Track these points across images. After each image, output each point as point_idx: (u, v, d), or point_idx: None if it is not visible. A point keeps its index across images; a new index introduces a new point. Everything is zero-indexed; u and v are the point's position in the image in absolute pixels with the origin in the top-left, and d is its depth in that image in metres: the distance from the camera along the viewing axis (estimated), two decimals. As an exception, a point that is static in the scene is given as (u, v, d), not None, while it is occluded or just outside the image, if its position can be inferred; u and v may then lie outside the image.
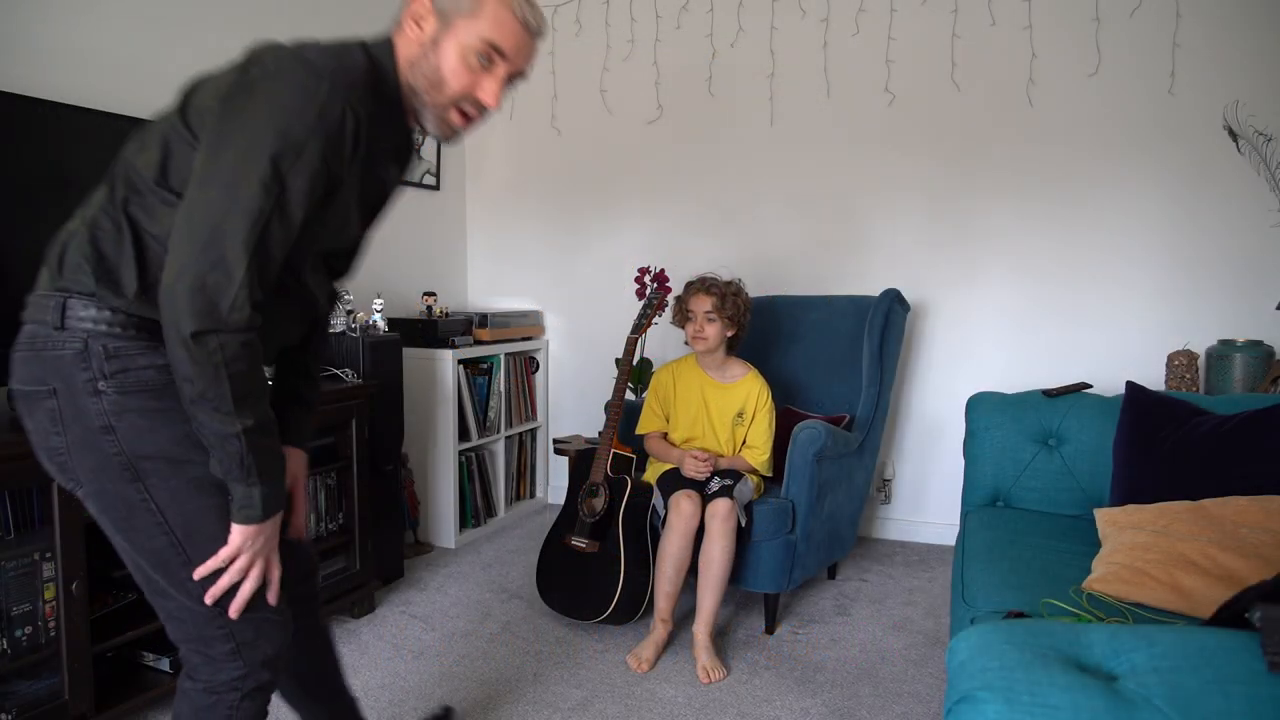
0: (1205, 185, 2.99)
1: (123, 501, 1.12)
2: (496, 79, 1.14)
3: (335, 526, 2.62)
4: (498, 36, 1.12)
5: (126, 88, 2.47)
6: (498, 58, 1.13)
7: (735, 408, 2.63)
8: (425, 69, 1.14)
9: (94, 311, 1.10)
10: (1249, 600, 1.14)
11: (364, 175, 1.15)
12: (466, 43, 1.12)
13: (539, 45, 1.18)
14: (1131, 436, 2.03)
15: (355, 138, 1.06)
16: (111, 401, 1.10)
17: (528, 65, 1.18)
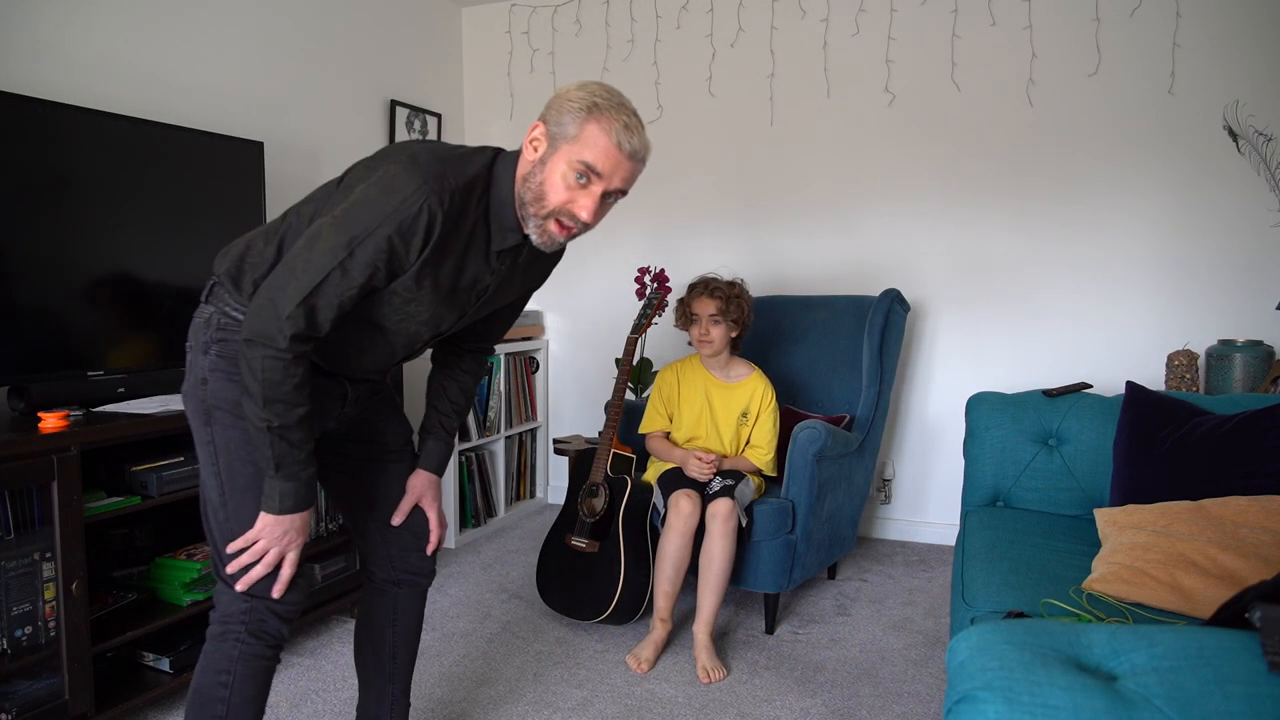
0: (1205, 185, 2.99)
1: (200, 441, 1.40)
2: (592, 196, 1.29)
3: (335, 526, 2.62)
4: (593, 158, 1.26)
5: (126, 88, 2.48)
6: (593, 176, 1.28)
7: (740, 407, 2.63)
8: (532, 185, 1.31)
9: (225, 297, 1.41)
10: (1249, 600, 1.14)
11: (442, 265, 1.32)
12: (567, 163, 1.28)
13: (637, 168, 1.31)
14: (1131, 436, 2.03)
15: (427, 232, 1.25)
16: (211, 362, 1.39)
17: (625, 184, 1.31)
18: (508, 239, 1.35)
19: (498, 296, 1.49)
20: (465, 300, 1.42)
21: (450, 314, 1.43)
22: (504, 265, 1.41)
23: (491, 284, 1.42)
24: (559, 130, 1.29)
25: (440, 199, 1.25)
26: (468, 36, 4.06)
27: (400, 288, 1.32)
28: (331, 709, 2.14)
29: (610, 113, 1.27)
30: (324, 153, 3.25)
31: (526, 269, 1.50)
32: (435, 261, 1.31)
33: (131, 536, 2.29)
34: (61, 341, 2.11)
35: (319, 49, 3.21)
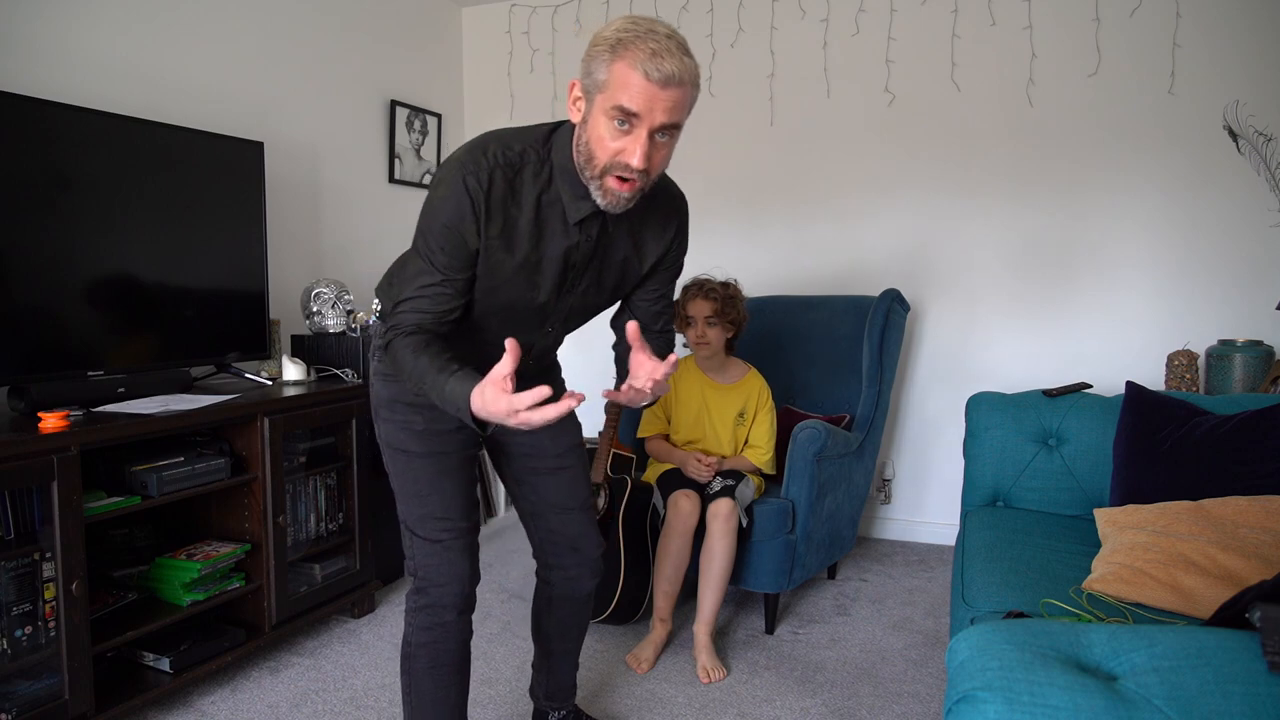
0: (1205, 185, 2.99)
1: (378, 438, 1.60)
2: (638, 140, 1.20)
3: (335, 526, 2.62)
4: (626, 99, 1.18)
5: (126, 88, 2.48)
6: (632, 119, 1.20)
7: (736, 408, 2.63)
8: (582, 147, 1.27)
9: (386, 310, 1.51)
10: (1249, 600, 1.14)
11: (515, 237, 1.33)
12: (604, 113, 1.21)
13: (680, 94, 1.21)
14: (1131, 436, 2.03)
15: (475, 211, 1.28)
16: (374, 366, 1.58)
17: (670, 116, 1.21)
18: (581, 208, 1.32)
19: (607, 267, 1.45)
20: (559, 271, 1.39)
21: (546, 284, 1.40)
22: (592, 234, 1.37)
23: (582, 254, 1.39)
24: (591, 81, 1.23)
25: (478, 178, 1.27)
26: (468, 36, 4.06)
27: (492, 265, 1.35)
28: (331, 709, 2.14)
29: (635, 44, 1.18)
30: (324, 153, 3.25)
31: (636, 232, 1.45)
32: (507, 234, 1.32)
33: (131, 536, 2.29)
34: (61, 341, 2.11)
35: (319, 49, 3.21)
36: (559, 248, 1.36)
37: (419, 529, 1.57)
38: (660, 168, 1.28)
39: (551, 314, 1.49)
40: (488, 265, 1.35)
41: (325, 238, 3.27)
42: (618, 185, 1.25)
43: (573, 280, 1.43)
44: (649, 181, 1.28)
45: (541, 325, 1.52)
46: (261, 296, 2.62)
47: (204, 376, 2.59)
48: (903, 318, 3.06)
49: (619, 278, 1.50)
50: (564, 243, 1.36)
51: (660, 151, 1.26)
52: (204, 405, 2.17)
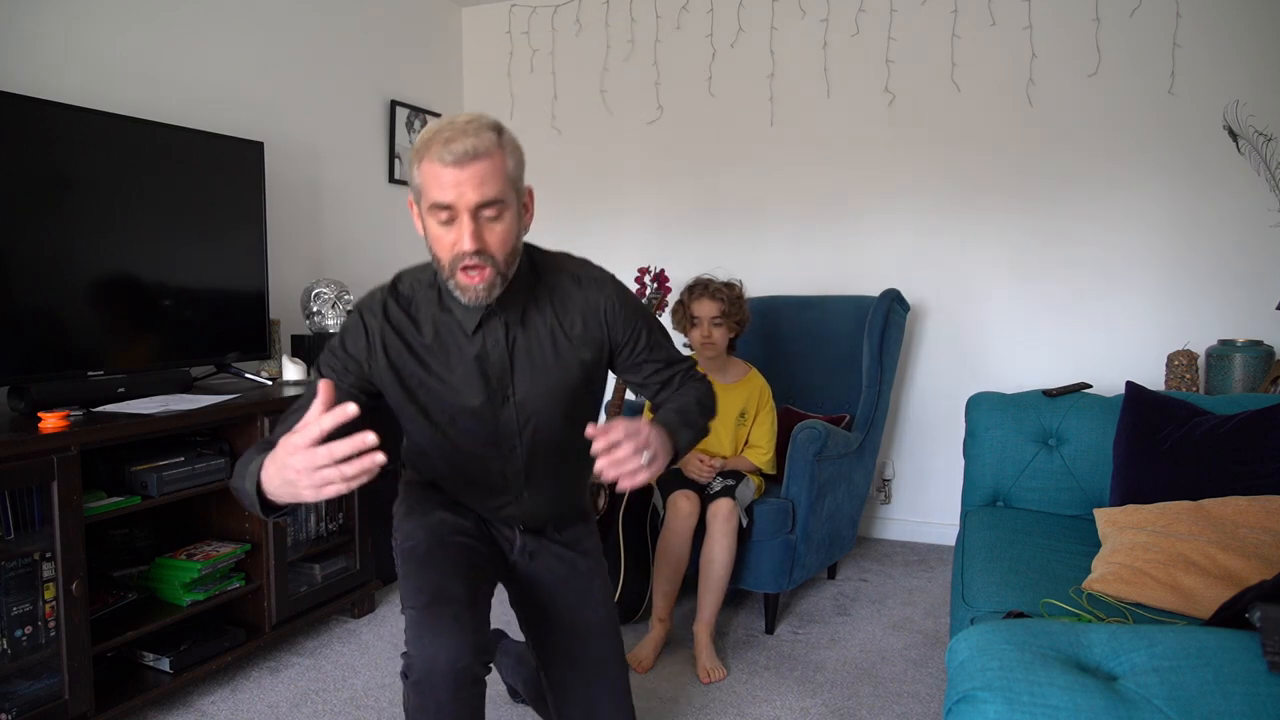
0: (1205, 185, 2.98)
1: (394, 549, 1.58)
2: (461, 226, 1.20)
3: (335, 526, 2.62)
4: (435, 194, 1.19)
5: (126, 88, 2.47)
6: (449, 210, 1.20)
7: (738, 408, 2.63)
8: (431, 256, 1.29)
9: None
10: (1249, 600, 1.14)
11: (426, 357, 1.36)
12: (429, 215, 1.23)
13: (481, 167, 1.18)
14: (1131, 436, 2.03)
15: (368, 333, 1.34)
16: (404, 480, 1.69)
17: (481, 193, 1.19)
18: (472, 315, 1.33)
19: (538, 367, 1.38)
20: (480, 382, 1.36)
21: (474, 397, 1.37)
22: (498, 338, 1.35)
23: (497, 360, 1.36)
24: (413, 191, 1.26)
25: (374, 314, 1.36)
26: (468, 36, 4.06)
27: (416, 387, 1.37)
28: (331, 709, 2.14)
29: (431, 141, 1.19)
30: (324, 153, 3.25)
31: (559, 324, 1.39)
32: (417, 356, 1.36)
33: (131, 536, 2.29)
34: (61, 341, 2.11)
35: (319, 49, 3.21)
36: (469, 359, 1.35)
37: (409, 598, 1.42)
38: (504, 245, 1.24)
39: (503, 434, 1.40)
40: (413, 390, 1.38)
41: (325, 238, 3.27)
42: (466, 278, 1.24)
43: (502, 390, 1.37)
44: (501, 264, 1.25)
45: (501, 450, 1.42)
46: (261, 296, 2.62)
47: (204, 376, 2.59)
48: (903, 318, 3.06)
49: (563, 375, 1.39)
50: (472, 352, 1.35)
51: (495, 229, 1.23)
52: (204, 405, 2.17)
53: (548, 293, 1.38)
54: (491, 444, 1.43)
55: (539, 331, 1.38)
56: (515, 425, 1.40)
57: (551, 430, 1.43)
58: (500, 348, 1.35)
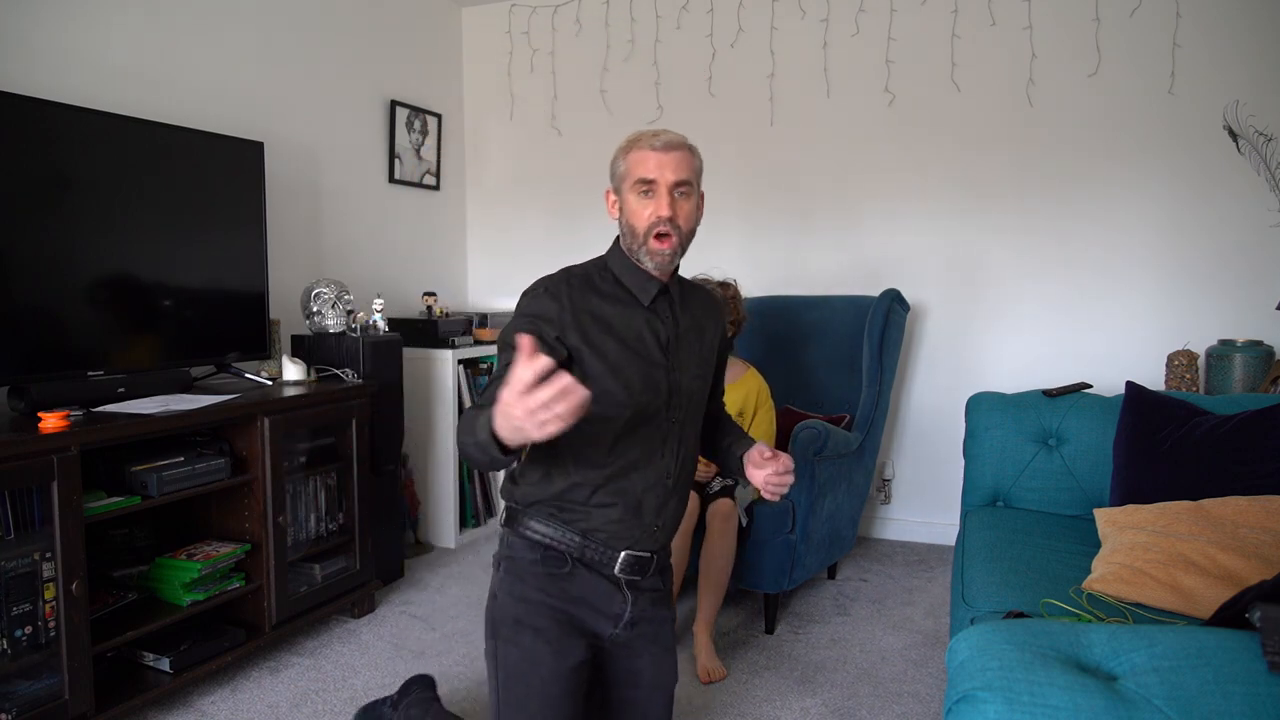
0: (1205, 185, 2.99)
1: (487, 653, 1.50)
2: (660, 197, 1.43)
3: (335, 526, 2.62)
4: (640, 172, 1.44)
5: (126, 88, 2.48)
6: (650, 184, 1.44)
7: (735, 407, 2.63)
8: (624, 231, 1.47)
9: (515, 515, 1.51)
10: (1249, 600, 1.14)
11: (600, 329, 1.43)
12: (631, 192, 1.45)
13: (682, 155, 1.47)
14: (1131, 436, 2.03)
15: (552, 306, 1.40)
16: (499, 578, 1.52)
17: (678, 173, 1.44)
18: (648, 289, 1.47)
19: (692, 345, 1.53)
20: (656, 346, 1.47)
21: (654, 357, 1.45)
22: (666, 312, 1.49)
23: (668, 329, 1.48)
24: (616, 179, 1.48)
25: (552, 282, 1.45)
26: (468, 36, 4.06)
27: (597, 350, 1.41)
28: (331, 709, 2.14)
29: (639, 137, 1.47)
30: (324, 153, 3.25)
31: (697, 317, 1.56)
32: (598, 319, 1.43)
33: (131, 536, 2.29)
34: (61, 341, 2.11)
35: (319, 49, 3.21)
36: (643, 325, 1.47)
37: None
38: (688, 221, 1.46)
39: (674, 402, 1.48)
40: (598, 349, 1.41)
41: (325, 238, 3.27)
42: (658, 244, 1.43)
43: (671, 358, 1.48)
44: (684, 237, 1.46)
45: (669, 417, 1.47)
46: (261, 296, 2.62)
47: (204, 376, 2.59)
48: (903, 318, 3.06)
49: (702, 364, 1.56)
50: (645, 320, 1.47)
51: (684, 207, 1.45)
52: (204, 405, 2.17)
53: (691, 294, 1.59)
54: (662, 407, 1.46)
55: (689, 318, 1.54)
56: (682, 399, 1.49)
57: (693, 417, 1.53)
58: (670, 321, 1.49)
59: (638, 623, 1.50)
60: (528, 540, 1.46)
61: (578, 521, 1.43)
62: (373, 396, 2.70)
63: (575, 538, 1.43)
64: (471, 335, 3.48)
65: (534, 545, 1.45)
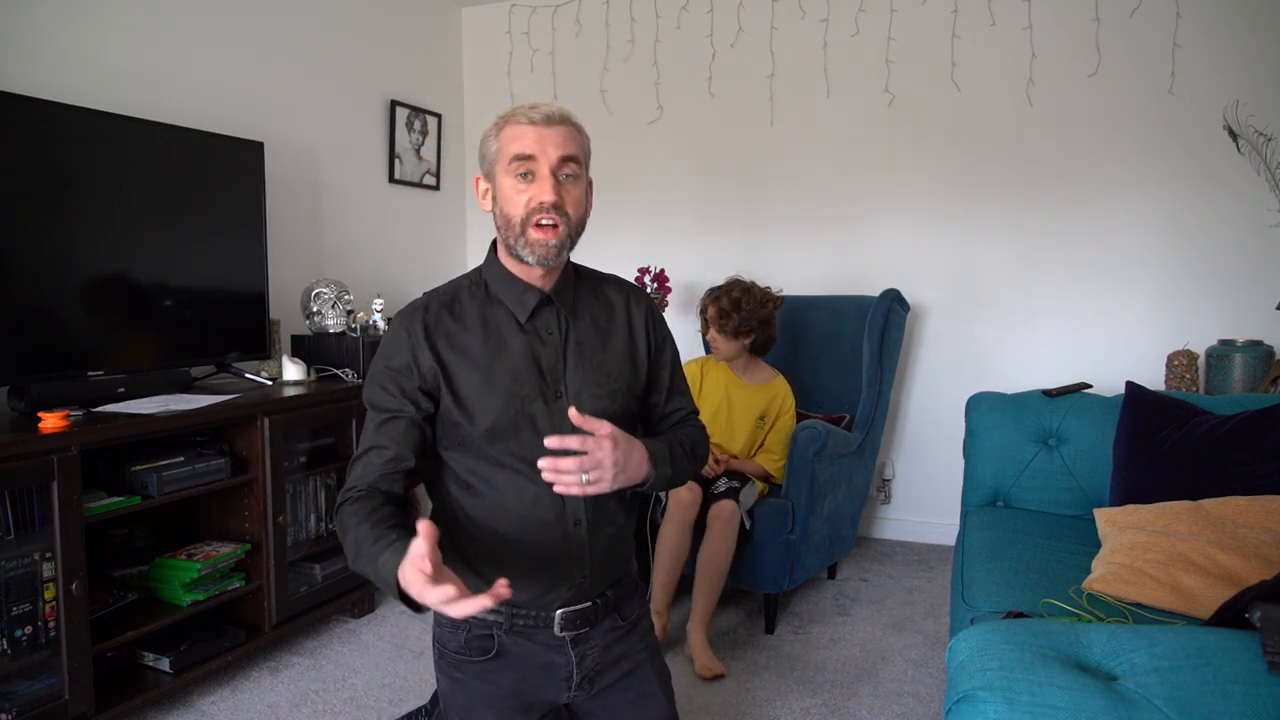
0: (1205, 185, 2.98)
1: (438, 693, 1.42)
2: (543, 180, 1.23)
3: (335, 526, 2.62)
4: (516, 148, 1.23)
5: (126, 88, 2.47)
6: (529, 162, 1.23)
7: (759, 409, 2.65)
8: (500, 221, 1.27)
9: None
10: (1249, 600, 1.14)
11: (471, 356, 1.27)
12: (506, 174, 1.25)
13: (567, 130, 1.25)
14: (1131, 436, 2.03)
15: (414, 347, 1.27)
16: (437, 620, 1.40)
17: (563, 149, 1.24)
18: (526, 301, 1.29)
19: (589, 360, 1.32)
20: (534, 375, 1.28)
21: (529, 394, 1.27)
22: (551, 328, 1.31)
23: (551, 350, 1.30)
24: (487, 161, 1.28)
25: (410, 315, 1.29)
26: (468, 36, 4.06)
27: (465, 389, 1.26)
28: (331, 709, 2.14)
29: (515, 111, 1.26)
30: (324, 153, 3.25)
31: (606, 317, 1.37)
32: (464, 354, 1.27)
33: (131, 536, 2.29)
34: (61, 341, 2.11)
35: (319, 49, 3.21)
36: (521, 350, 1.28)
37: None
38: (577, 208, 1.26)
39: (558, 433, 1.25)
40: (463, 391, 1.26)
41: (325, 238, 3.27)
42: (540, 233, 1.24)
43: (554, 384, 1.29)
44: (573, 226, 1.27)
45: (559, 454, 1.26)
46: (261, 296, 2.62)
47: (204, 376, 2.59)
48: (903, 318, 3.06)
49: (612, 372, 1.34)
50: (523, 343, 1.29)
51: (571, 190, 1.25)
52: (204, 405, 2.17)
53: (592, 292, 1.38)
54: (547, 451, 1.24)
55: (588, 325, 1.35)
56: (570, 429, 1.24)
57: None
58: (555, 337, 1.31)
59: (595, 677, 1.34)
60: (451, 622, 1.30)
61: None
62: (373, 396, 2.70)
63: (501, 610, 1.27)
64: (471, 335, 3.47)
65: (457, 627, 1.31)
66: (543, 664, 1.31)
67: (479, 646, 1.30)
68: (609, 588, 1.35)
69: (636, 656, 1.38)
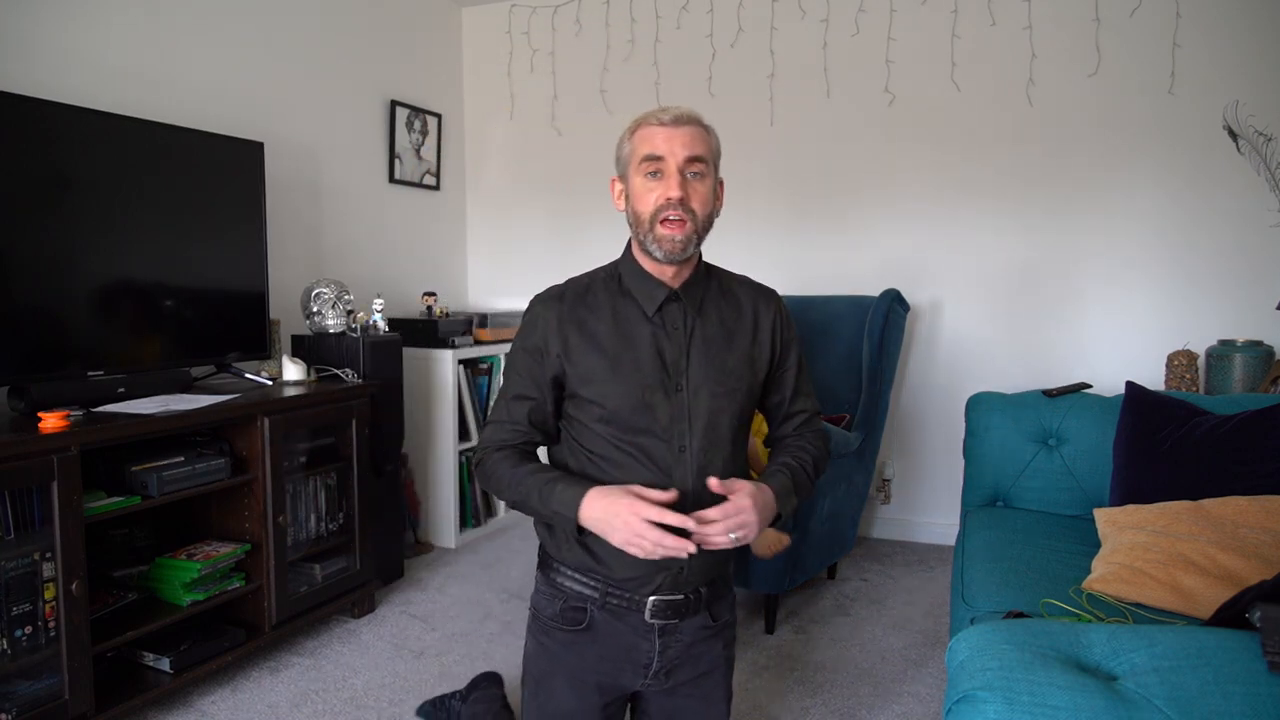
0: (1205, 185, 2.99)
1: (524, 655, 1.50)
2: (670, 177, 1.29)
3: (335, 526, 2.62)
4: (647, 149, 1.30)
5: (126, 88, 2.48)
6: (658, 163, 1.29)
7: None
8: (632, 219, 1.34)
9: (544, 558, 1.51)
10: (1249, 600, 1.14)
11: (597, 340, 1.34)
12: (637, 173, 1.32)
13: (695, 130, 1.31)
14: (1131, 436, 2.03)
15: (545, 324, 1.36)
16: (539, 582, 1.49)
17: (690, 149, 1.29)
18: (655, 296, 1.34)
19: (714, 356, 1.35)
20: (656, 366, 1.32)
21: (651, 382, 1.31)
22: (678, 323, 1.34)
23: (675, 345, 1.33)
24: (621, 163, 1.35)
25: (546, 301, 1.38)
26: (468, 36, 4.06)
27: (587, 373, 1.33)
28: (331, 709, 2.14)
29: (648, 114, 1.33)
30: (324, 153, 3.25)
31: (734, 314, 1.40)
32: (591, 340, 1.34)
33: (131, 536, 2.29)
34: (61, 341, 2.11)
35: (319, 49, 3.21)
36: (646, 341, 1.33)
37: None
38: (704, 205, 1.31)
39: (674, 430, 1.31)
40: (589, 375, 1.32)
41: (325, 238, 3.27)
42: (667, 229, 1.29)
43: (676, 377, 1.32)
44: (699, 222, 1.31)
45: (672, 450, 1.31)
46: (261, 296, 2.62)
47: (204, 376, 2.59)
48: (902, 318, 3.06)
49: (734, 372, 1.36)
50: (649, 334, 1.34)
51: (698, 188, 1.30)
52: (204, 405, 2.17)
53: (722, 291, 1.42)
54: (664, 441, 1.31)
55: (715, 323, 1.38)
56: (686, 420, 1.32)
57: (719, 435, 1.35)
58: (679, 332, 1.35)
59: (673, 670, 1.37)
60: (550, 590, 1.39)
61: (599, 569, 1.33)
62: (373, 397, 2.70)
63: (598, 586, 1.34)
64: (471, 335, 3.48)
65: (554, 596, 1.38)
66: (627, 645, 1.35)
67: (572, 618, 1.36)
68: (704, 585, 1.38)
69: (715, 661, 1.42)
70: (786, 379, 1.46)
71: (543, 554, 1.43)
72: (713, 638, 1.41)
